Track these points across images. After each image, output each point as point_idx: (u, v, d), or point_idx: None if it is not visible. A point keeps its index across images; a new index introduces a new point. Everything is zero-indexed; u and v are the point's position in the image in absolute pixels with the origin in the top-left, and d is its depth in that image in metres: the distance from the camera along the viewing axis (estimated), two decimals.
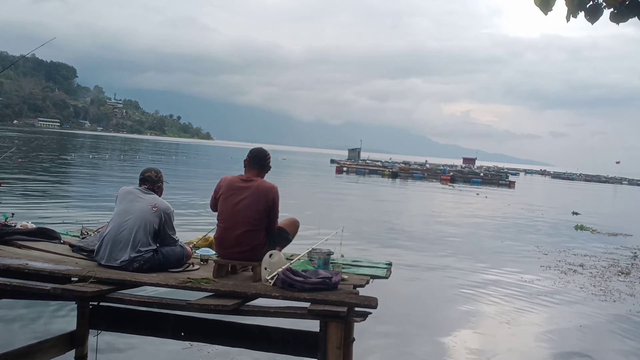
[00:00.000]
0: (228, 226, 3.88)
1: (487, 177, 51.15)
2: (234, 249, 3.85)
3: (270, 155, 4.18)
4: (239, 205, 3.86)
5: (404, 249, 11.16)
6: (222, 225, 3.93)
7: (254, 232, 3.86)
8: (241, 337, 3.99)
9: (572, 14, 3.08)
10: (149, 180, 4.20)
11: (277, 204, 3.98)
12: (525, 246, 12.74)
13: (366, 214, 17.36)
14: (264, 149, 4.19)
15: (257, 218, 3.87)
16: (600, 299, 7.98)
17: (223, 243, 3.94)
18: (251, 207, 3.85)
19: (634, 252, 12.83)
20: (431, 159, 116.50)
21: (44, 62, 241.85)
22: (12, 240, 4.26)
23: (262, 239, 3.91)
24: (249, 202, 3.86)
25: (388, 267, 4.21)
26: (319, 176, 40.02)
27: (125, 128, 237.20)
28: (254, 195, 3.87)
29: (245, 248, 3.84)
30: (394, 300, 6.76)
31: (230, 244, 3.87)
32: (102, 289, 3.34)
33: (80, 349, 4.37)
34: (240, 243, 3.83)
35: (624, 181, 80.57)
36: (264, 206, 3.89)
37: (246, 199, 3.87)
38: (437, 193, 32.08)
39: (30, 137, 70.96)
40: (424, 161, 74.40)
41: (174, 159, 51.63)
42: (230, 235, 3.87)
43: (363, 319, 3.35)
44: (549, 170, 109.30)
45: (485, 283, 8.62)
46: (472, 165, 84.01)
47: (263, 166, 4.10)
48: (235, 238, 3.85)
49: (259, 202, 3.87)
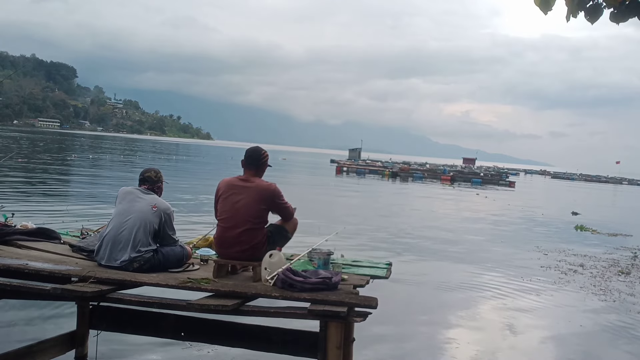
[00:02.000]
0: (228, 225, 3.88)
1: (487, 177, 51.15)
2: (234, 247, 3.85)
3: (266, 153, 4.13)
4: (238, 204, 3.87)
5: (404, 249, 11.16)
6: (222, 225, 3.93)
7: (254, 231, 3.86)
8: (241, 337, 3.99)
9: (572, 14, 3.08)
10: (149, 181, 4.20)
11: (279, 200, 3.98)
12: (525, 246, 12.74)
13: (366, 214, 17.35)
14: (259, 148, 4.15)
15: (257, 216, 3.87)
16: (600, 299, 7.98)
17: (223, 242, 3.93)
18: (251, 206, 3.85)
19: (634, 252, 12.82)
20: (431, 159, 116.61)
21: (44, 62, 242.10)
22: (12, 240, 4.26)
23: (262, 237, 3.90)
24: (248, 201, 3.86)
25: (388, 267, 4.22)
26: (318, 176, 40.02)
27: (125, 128, 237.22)
28: (253, 194, 3.88)
29: (245, 247, 3.83)
30: (394, 301, 6.76)
31: (230, 243, 3.86)
32: (102, 289, 3.34)
33: (80, 349, 4.37)
34: (240, 242, 3.83)
35: (624, 181, 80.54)
36: (264, 205, 3.90)
37: (245, 198, 3.87)
38: (438, 193, 32.07)
39: (31, 137, 70.95)
40: (423, 162, 74.41)
41: (174, 159, 51.62)
42: (230, 234, 3.87)
43: (363, 319, 3.35)
44: (549, 170, 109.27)
45: (485, 283, 8.61)
46: (472, 165, 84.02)
47: (258, 165, 4.07)
48: (235, 237, 3.84)
49: (259, 201, 3.88)
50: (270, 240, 3.97)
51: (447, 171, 53.28)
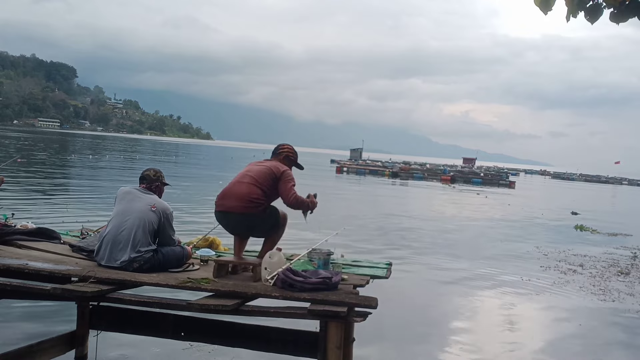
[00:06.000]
0: (236, 180, 4.12)
1: (487, 177, 51.13)
2: (232, 198, 4.00)
3: (286, 147, 4.42)
4: (255, 167, 4.18)
5: (404, 249, 11.16)
6: (232, 180, 4.16)
7: (256, 187, 4.01)
8: (241, 337, 3.99)
9: (572, 14, 3.09)
10: (147, 179, 4.21)
11: (286, 175, 4.12)
12: (525, 246, 12.73)
13: (366, 214, 17.35)
14: (282, 144, 4.49)
15: (264, 178, 4.05)
16: (600, 299, 7.98)
17: (224, 194, 4.10)
18: (263, 171, 4.09)
19: (634, 252, 12.83)
20: (431, 159, 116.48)
21: (44, 62, 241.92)
22: (12, 240, 4.26)
23: (261, 197, 4.00)
24: (262, 168, 4.14)
25: (388, 267, 4.22)
26: (319, 176, 40.01)
27: (125, 128, 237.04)
28: (270, 165, 4.18)
29: (244, 196, 3.96)
30: (394, 300, 6.76)
31: (230, 194, 4.04)
32: (102, 289, 3.34)
33: (80, 349, 4.37)
34: (240, 192, 3.99)
35: (624, 181, 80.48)
36: (275, 175, 4.09)
37: (261, 166, 4.17)
38: (438, 193, 32.08)
39: (31, 138, 70.95)
40: (424, 162, 74.36)
41: (174, 159, 51.62)
42: (234, 187, 4.07)
43: (363, 319, 3.35)
44: (549, 170, 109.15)
45: (485, 283, 8.62)
46: (472, 165, 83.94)
47: (276, 154, 4.38)
48: (237, 188, 4.04)
49: (272, 171, 4.10)
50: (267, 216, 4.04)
51: (447, 171, 53.26)
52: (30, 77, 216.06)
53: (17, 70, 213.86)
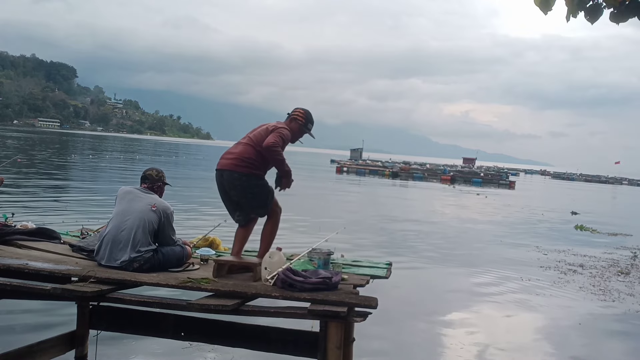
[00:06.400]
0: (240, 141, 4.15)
1: (487, 177, 51.10)
2: (227, 156, 4.05)
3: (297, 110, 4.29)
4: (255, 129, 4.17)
5: (404, 249, 11.16)
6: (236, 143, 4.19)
7: (251, 147, 4.01)
8: (241, 337, 3.99)
9: (572, 14, 3.08)
10: (149, 179, 4.21)
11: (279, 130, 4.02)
12: (525, 246, 12.74)
13: (367, 214, 17.36)
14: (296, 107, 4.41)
15: (260, 139, 4.00)
16: (600, 299, 7.98)
17: (223, 154, 4.14)
18: (260, 132, 4.08)
19: (634, 252, 12.82)
20: (431, 159, 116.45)
21: (44, 62, 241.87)
22: (12, 240, 4.26)
23: (253, 156, 3.98)
24: (262, 129, 4.12)
25: (388, 267, 4.22)
26: (319, 176, 40.00)
27: (125, 128, 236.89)
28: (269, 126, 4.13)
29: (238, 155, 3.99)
30: (394, 300, 6.76)
31: (227, 153, 4.10)
32: (102, 289, 3.34)
33: (80, 349, 4.37)
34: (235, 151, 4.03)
35: (624, 181, 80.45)
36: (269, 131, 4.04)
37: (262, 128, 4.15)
38: (438, 193, 32.07)
39: (31, 137, 70.94)
40: (424, 162, 74.34)
41: (174, 159, 51.62)
42: (232, 147, 4.12)
43: (363, 319, 3.35)
44: (549, 170, 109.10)
45: (485, 283, 8.62)
46: (472, 165, 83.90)
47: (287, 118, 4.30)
48: (234, 147, 4.09)
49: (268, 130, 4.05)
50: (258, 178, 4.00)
51: (447, 171, 53.24)
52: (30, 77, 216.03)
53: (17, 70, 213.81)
